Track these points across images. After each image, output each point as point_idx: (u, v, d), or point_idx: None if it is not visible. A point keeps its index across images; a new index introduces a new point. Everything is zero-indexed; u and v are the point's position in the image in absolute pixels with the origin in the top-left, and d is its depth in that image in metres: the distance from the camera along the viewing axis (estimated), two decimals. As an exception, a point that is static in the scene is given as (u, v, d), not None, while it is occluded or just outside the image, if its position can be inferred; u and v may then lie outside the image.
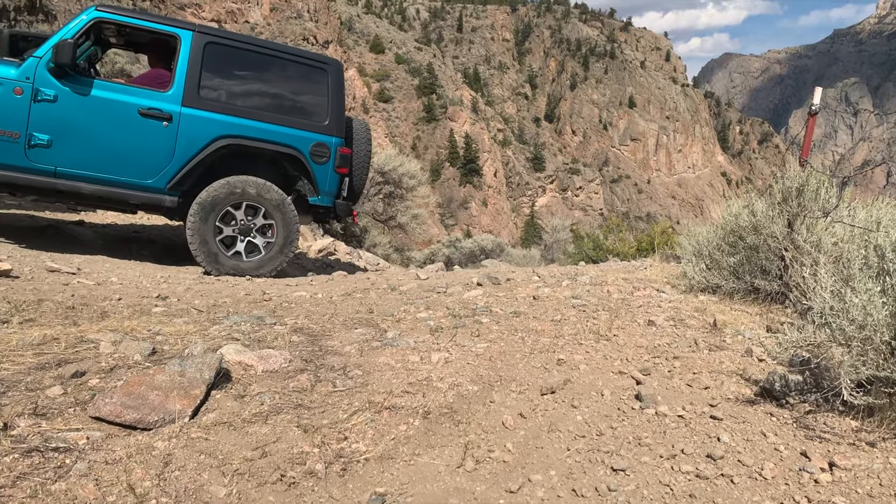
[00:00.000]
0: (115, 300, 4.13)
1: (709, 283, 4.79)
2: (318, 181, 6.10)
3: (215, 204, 5.75)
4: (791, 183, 4.54)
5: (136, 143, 5.57)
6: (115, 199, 5.73)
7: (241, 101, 5.93)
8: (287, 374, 2.80)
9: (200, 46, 5.74)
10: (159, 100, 5.62)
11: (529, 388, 2.83)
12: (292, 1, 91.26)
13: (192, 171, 5.72)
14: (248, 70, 6.09)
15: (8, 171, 5.33)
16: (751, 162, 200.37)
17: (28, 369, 2.59)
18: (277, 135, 5.90)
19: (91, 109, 5.47)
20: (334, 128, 6.15)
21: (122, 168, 5.59)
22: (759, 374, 3.06)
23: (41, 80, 5.33)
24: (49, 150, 5.38)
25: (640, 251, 14.65)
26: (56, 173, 5.44)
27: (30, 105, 5.30)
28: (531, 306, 4.24)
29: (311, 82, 6.19)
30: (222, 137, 5.72)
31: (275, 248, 5.99)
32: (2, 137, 5.27)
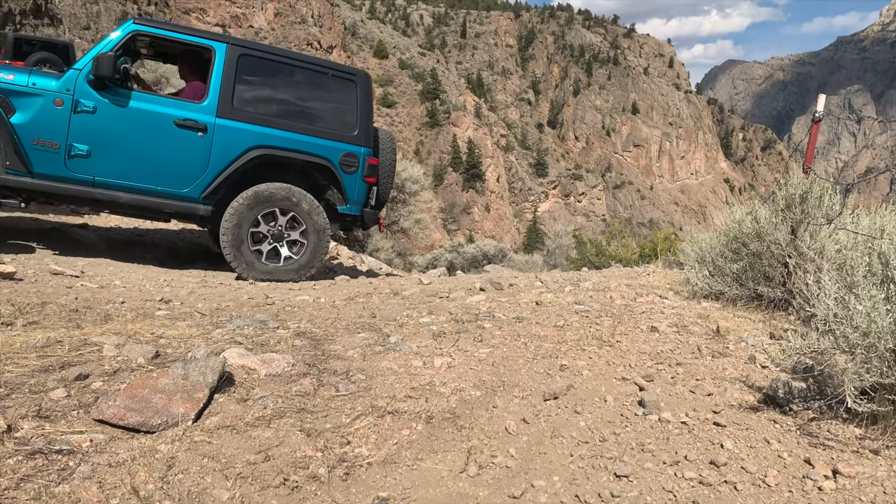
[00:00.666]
0: (119, 303, 4.14)
1: (712, 290, 4.78)
2: (346, 190, 6.24)
3: (249, 210, 5.85)
4: (794, 190, 4.54)
5: (172, 153, 5.70)
6: (150, 207, 5.85)
7: (273, 112, 6.05)
8: (290, 378, 2.80)
9: (234, 58, 5.88)
10: (194, 111, 5.75)
11: (532, 393, 2.83)
12: (296, 6, 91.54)
13: (226, 180, 5.84)
14: (280, 81, 6.21)
15: (48, 180, 5.46)
16: (754, 169, 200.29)
17: (32, 372, 2.60)
18: (308, 145, 6.03)
19: (128, 120, 5.60)
20: (363, 138, 6.29)
21: (158, 177, 5.72)
22: (762, 381, 3.05)
23: (81, 91, 5.46)
24: (88, 160, 5.51)
25: (642, 257, 14.64)
26: (94, 183, 5.57)
27: (70, 116, 5.43)
28: (534, 312, 4.24)
29: (341, 93, 6.33)
30: (255, 147, 5.85)
31: (307, 254, 6.11)
32: (43, 148, 5.39)
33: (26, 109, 5.36)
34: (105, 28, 46.85)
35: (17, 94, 5.36)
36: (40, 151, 5.40)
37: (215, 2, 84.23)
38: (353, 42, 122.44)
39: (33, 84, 5.42)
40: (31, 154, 5.39)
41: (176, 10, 75.75)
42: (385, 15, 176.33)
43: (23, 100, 5.36)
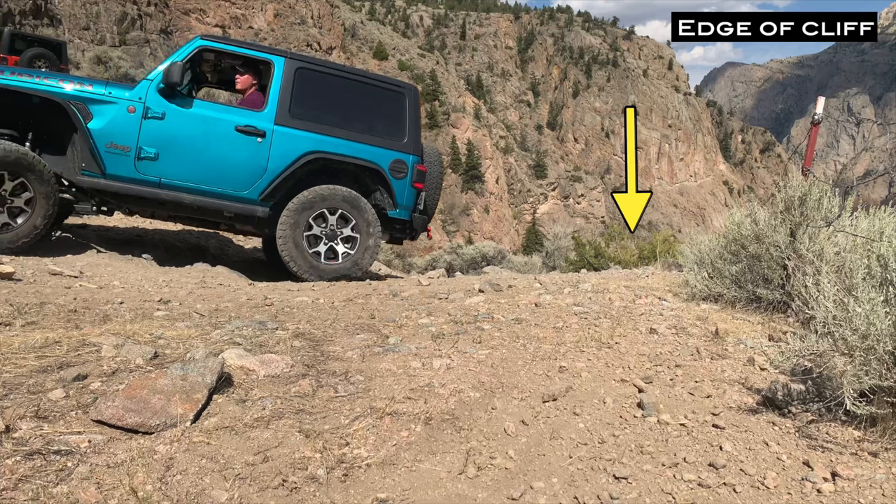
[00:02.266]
0: (118, 304, 4.13)
1: (711, 292, 4.79)
2: (396, 195, 6.57)
3: (304, 211, 6.20)
4: (794, 192, 4.55)
5: (233, 156, 6.07)
6: (212, 209, 6.18)
7: (327, 121, 6.37)
8: (289, 378, 2.80)
9: (292, 71, 6.27)
10: (254, 118, 6.13)
11: (531, 395, 2.83)
12: (296, 7, 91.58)
13: (283, 183, 6.20)
14: (334, 92, 6.57)
15: (119, 181, 5.86)
16: (753, 171, 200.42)
17: (30, 372, 2.59)
18: (360, 151, 6.38)
19: (193, 126, 6.00)
20: (412, 146, 6.64)
21: (220, 180, 6.07)
22: (761, 384, 3.05)
23: (152, 99, 5.89)
24: (155, 162, 5.90)
25: (641, 259, 14.66)
26: (160, 184, 5.95)
27: (141, 122, 5.85)
28: (533, 313, 4.24)
29: (391, 104, 6.70)
30: (310, 153, 6.21)
31: (358, 253, 6.40)
32: (115, 151, 5.79)
33: (102, 116, 5.77)
34: (105, 28, 46.88)
35: (95, 102, 5.77)
36: (113, 154, 5.79)
37: (215, 2, 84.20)
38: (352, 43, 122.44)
39: (109, 93, 5.84)
40: (105, 156, 5.78)
41: (175, 11, 75.81)
42: (385, 16, 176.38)
43: (99, 107, 5.77)
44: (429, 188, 6.96)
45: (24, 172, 5.45)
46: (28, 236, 5.55)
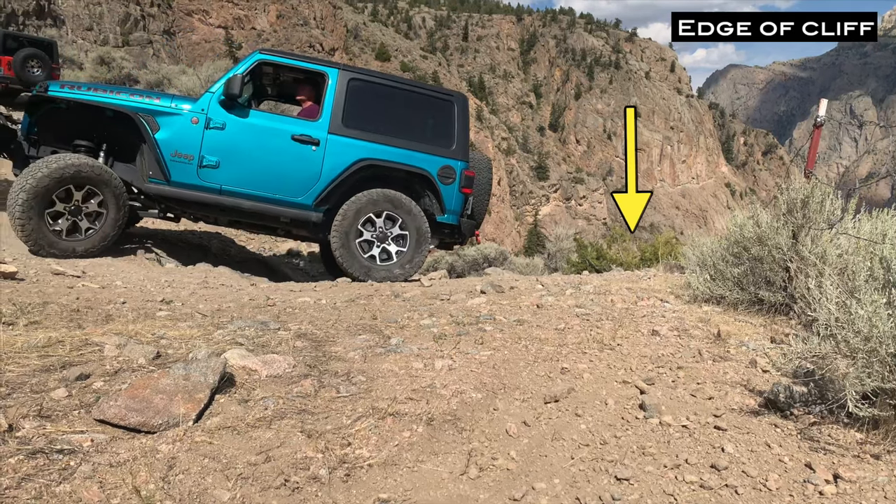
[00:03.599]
0: (120, 304, 4.14)
1: (713, 294, 4.78)
2: (444, 200, 6.74)
3: (356, 215, 6.41)
4: (796, 194, 4.54)
5: (289, 164, 6.32)
6: (269, 214, 6.43)
7: (378, 129, 6.59)
8: (291, 379, 2.80)
9: (345, 82, 6.52)
10: (309, 127, 6.38)
11: (533, 396, 2.83)
12: (299, 8, 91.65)
13: (336, 189, 6.43)
14: (385, 102, 6.79)
15: (182, 188, 6.16)
16: (755, 173, 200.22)
17: (33, 371, 2.60)
18: (409, 158, 6.59)
19: (252, 135, 6.27)
20: (460, 152, 6.80)
21: (277, 186, 6.32)
22: (763, 385, 3.05)
23: (213, 110, 6.20)
24: (216, 170, 6.19)
25: (643, 261, 14.63)
26: (221, 190, 6.23)
27: (203, 132, 6.15)
28: (535, 315, 4.24)
29: (440, 112, 6.89)
30: (362, 160, 6.43)
31: (408, 255, 6.59)
32: (180, 159, 6.10)
33: (168, 127, 6.10)
34: (108, 29, 46.95)
35: (162, 114, 6.10)
36: (177, 163, 6.11)
37: (218, 3, 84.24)
38: (355, 44, 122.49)
39: (175, 105, 6.18)
40: (170, 165, 6.09)
41: (178, 12, 75.87)
42: (387, 18, 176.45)
43: (166, 119, 6.10)
44: (477, 194, 7.16)
45: (97, 182, 5.81)
46: (102, 241, 5.97)
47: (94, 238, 5.93)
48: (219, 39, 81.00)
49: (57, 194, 5.69)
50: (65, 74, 21.45)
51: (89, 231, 5.93)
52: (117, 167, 6.28)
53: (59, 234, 5.78)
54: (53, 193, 5.66)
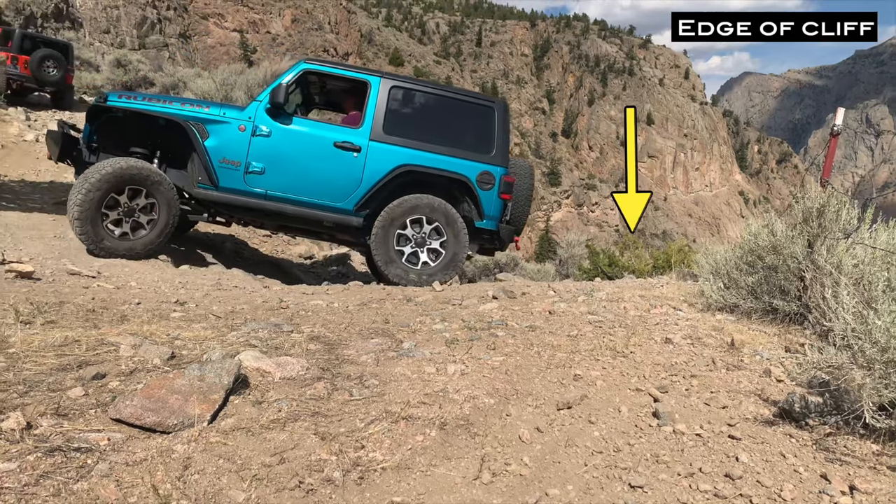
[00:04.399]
0: (135, 304, 4.17)
1: (726, 302, 4.76)
2: (483, 206, 6.77)
3: (395, 219, 6.54)
4: (812, 203, 4.52)
5: (331, 170, 6.48)
6: (312, 219, 6.61)
7: (418, 135, 6.71)
8: (304, 381, 2.81)
9: (387, 90, 6.66)
10: (351, 135, 6.53)
11: (546, 402, 2.82)
12: (313, 13, 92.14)
13: (376, 194, 6.56)
14: (425, 108, 6.95)
15: (229, 193, 6.40)
16: (769, 181, 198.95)
17: (50, 370, 2.62)
18: (448, 163, 6.65)
19: (296, 142, 6.47)
20: (499, 158, 6.84)
21: (320, 192, 6.50)
22: (777, 395, 3.03)
23: (260, 118, 6.42)
24: (262, 176, 6.41)
25: (656, 269, 14.57)
26: (266, 196, 6.43)
27: (250, 139, 6.38)
28: (547, 321, 4.24)
29: (480, 119, 6.91)
30: (401, 166, 6.53)
31: (445, 259, 6.65)
32: (227, 165, 6.35)
33: (217, 134, 6.35)
34: (125, 32, 47.39)
35: (211, 122, 6.36)
36: (225, 168, 6.35)
37: (233, 7, 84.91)
38: (369, 49, 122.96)
39: (223, 113, 6.44)
40: (218, 171, 6.34)
41: (194, 16, 76.45)
42: (401, 23, 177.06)
43: (214, 126, 6.36)
44: (517, 200, 7.21)
45: (150, 185, 6.08)
46: (154, 242, 6.23)
47: (145, 239, 6.18)
48: (234, 43, 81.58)
49: (112, 196, 5.96)
50: (82, 76, 21.66)
51: (141, 232, 6.19)
52: (170, 173, 6.56)
53: (113, 235, 6.06)
54: (108, 195, 5.93)
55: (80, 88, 20.96)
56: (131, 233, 6.15)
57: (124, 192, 6.02)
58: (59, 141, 6.55)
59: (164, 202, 6.17)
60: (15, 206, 8.20)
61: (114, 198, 5.99)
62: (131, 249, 6.12)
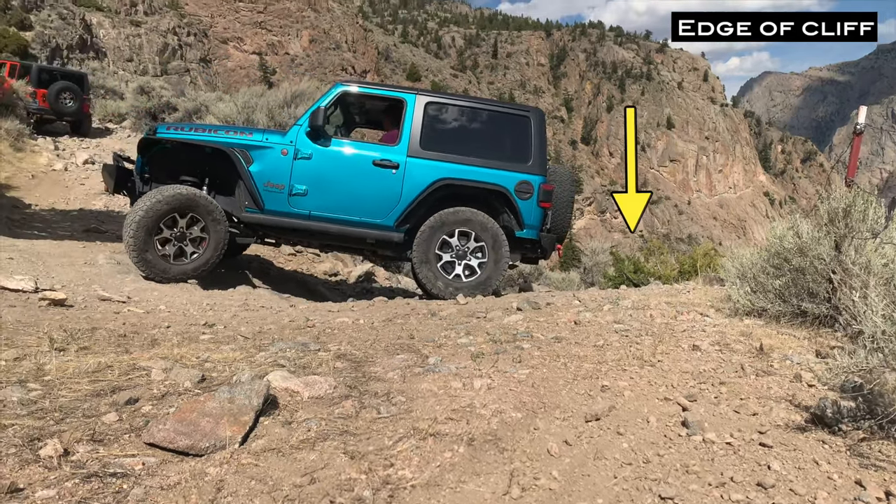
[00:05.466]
0: (164, 328, 4.24)
1: (754, 307, 4.70)
2: (523, 215, 6.82)
3: (435, 233, 6.64)
4: (838, 204, 4.45)
5: (371, 188, 6.63)
6: (354, 236, 6.79)
7: (455, 149, 6.81)
8: (332, 400, 2.84)
9: (422, 106, 6.81)
10: (389, 152, 6.69)
11: (573, 414, 2.81)
12: (331, 32, 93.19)
13: (416, 209, 6.69)
14: (461, 122, 7.05)
15: (275, 216, 6.62)
16: (794, 181, 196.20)
17: (84, 396, 2.68)
18: (486, 175, 6.72)
19: (337, 163, 6.64)
20: (537, 167, 6.88)
21: (361, 209, 6.65)
22: (809, 401, 2.99)
23: (301, 142, 6.61)
24: (305, 197, 6.59)
25: (682, 274, 14.42)
26: (310, 216, 6.63)
27: (292, 162, 6.58)
28: (573, 332, 4.22)
29: (516, 128, 6.99)
30: (439, 180, 6.65)
31: (486, 271, 6.72)
32: (272, 189, 6.56)
33: (261, 160, 6.57)
34: (147, 59, 48.31)
35: (255, 148, 6.58)
36: (270, 192, 6.55)
37: (252, 30, 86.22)
38: (386, 66, 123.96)
39: (266, 139, 6.66)
40: (264, 194, 6.55)
41: (214, 40, 77.75)
42: (417, 38, 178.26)
43: (258, 152, 6.58)
44: (558, 207, 7.22)
45: (201, 212, 6.35)
46: (205, 265, 6.46)
47: (196, 262, 6.42)
48: (253, 65, 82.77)
49: (164, 222, 6.24)
50: (107, 104, 22.12)
51: (193, 255, 6.43)
52: (219, 199, 6.75)
53: (167, 259, 6.30)
54: (161, 221, 6.20)
55: (106, 117, 21.45)
56: (183, 257, 6.40)
57: (176, 218, 6.29)
58: (113, 173, 6.81)
59: (213, 227, 6.41)
60: (46, 234, 8.39)
61: (166, 224, 6.25)
62: (184, 273, 6.36)
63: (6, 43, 28.13)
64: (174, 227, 6.30)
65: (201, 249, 6.44)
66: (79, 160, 13.56)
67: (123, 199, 11.21)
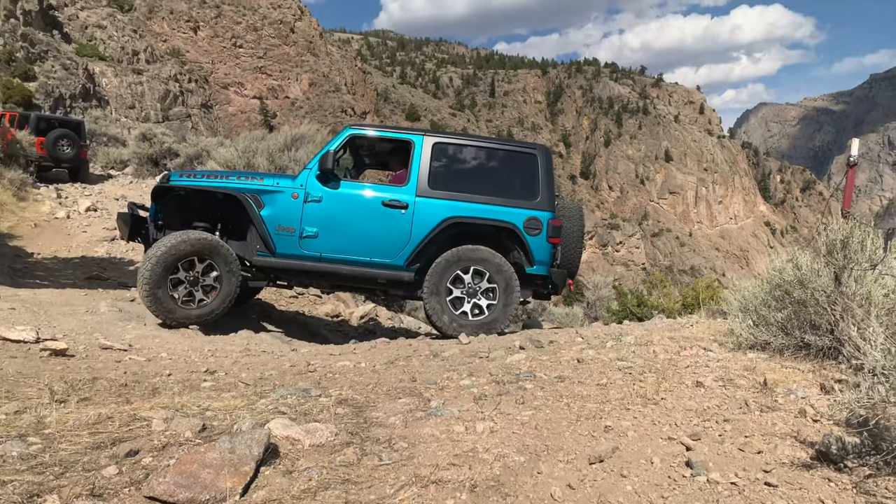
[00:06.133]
0: (166, 376, 4.24)
1: (757, 340, 4.68)
2: (532, 252, 6.84)
3: (444, 272, 6.68)
4: (835, 235, 4.47)
5: (382, 228, 6.70)
6: (365, 277, 6.81)
7: (463, 187, 6.88)
8: (333, 447, 2.82)
9: (430, 147, 6.89)
10: (398, 192, 6.76)
11: (577, 457, 2.79)
12: (330, 76, 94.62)
13: (426, 248, 6.74)
14: (468, 161, 7.14)
15: (286, 259, 6.69)
16: (794, 210, 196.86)
17: (84, 449, 2.67)
18: (495, 212, 6.78)
19: (346, 205, 6.73)
20: (545, 203, 6.92)
21: (371, 250, 6.72)
22: (814, 436, 2.96)
23: (311, 185, 6.70)
24: (316, 239, 6.67)
25: (685, 307, 14.39)
26: (321, 258, 6.70)
27: (303, 206, 6.67)
28: (575, 370, 4.21)
29: (523, 165, 7.07)
30: (448, 219, 6.70)
31: (497, 308, 6.73)
32: (283, 232, 6.65)
33: (272, 204, 6.66)
34: (149, 106, 48.99)
35: (266, 193, 6.67)
36: (281, 235, 6.65)
37: (252, 75, 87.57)
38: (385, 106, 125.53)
39: (277, 183, 6.75)
40: (275, 238, 6.64)
41: (215, 86, 78.94)
42: (416, 79, 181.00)
43: (269, 196, 6.67)
44: (568, 242, 7.26)
45: (213, 257, 6.45)
46: (217, 310, 6.53)
47: (210, 306, 6.50)
48: (254, 109, 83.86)
49: (178, 266, 6.34)
50: (108, 152, 22.35)
51: (201, 302, 6.50)
52: (231, 243, 6.83)
53: (175, 300, 6.36)
54: (174, 266, 6.31)
55: (108, 164, 21.67)
56: (196, 301, 6.47)
57: (189, 263, 6.39)
58: (128, 221, 6.96)
59: (226, 271, 6.50)
60: (49, 282, 8.42)
61: (180, 268, 6.36)
62: (198, 317, 6.43)
63: (10, 94, 28.60)
64: (190, 271, 6.40)
65: (209, 298, 6.50)
66: (81, 208, 13.67)
67: (126, 246, 11.27)
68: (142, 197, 15.70)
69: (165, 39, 76.58)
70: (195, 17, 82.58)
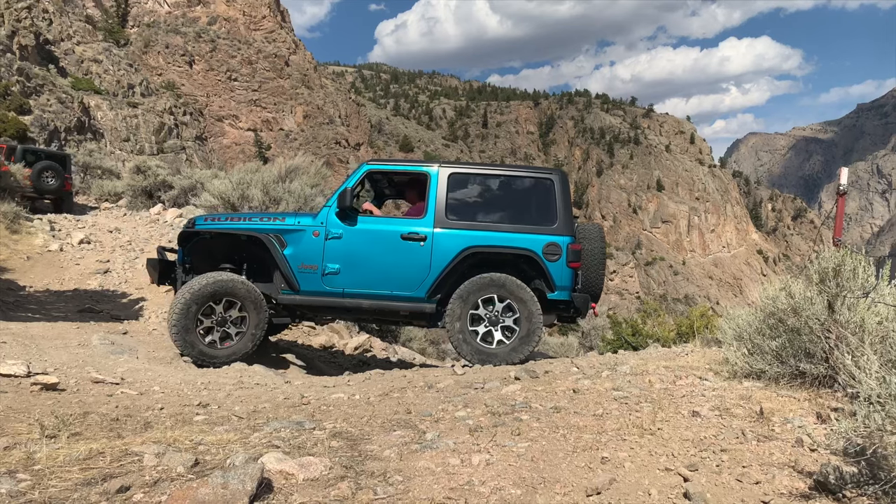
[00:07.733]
0: (158, 409, 4.19)
1: (752, 369, 4.67)
2: (553, 277, 6.79)
3: (466, 301, 6.68)
4: (827, 263, 4.50)
5: (401, 262, 6.77)
6: (387, 310, 6.89)
7: (480, 216, 6.98)
8: (328, 481, 2.79)
9: (446, 177, 6.94)
10: (416, 225, 6.83)
11: (574, 489, 2.76)
12: (324, 108, 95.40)
13: (446, 279, 6.76)
14: (485, 189, 7.21)
15: (310, 296, 6.80)
16: (786, 238, 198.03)
17: (75, 485, 2.63)
18: (513, 240, 6.79)
19: (367, 240, 6.82)
20: (564, 228, 6.91)
21: (392, 284, 6.78)
22: (812, 466, 2.94)
23: (331, 223, 6.82)
24: (338, 276, 6.76)
25: (680, 336, 14.38)
26: (343, 294, 6.79)
27: (324, 243, 6.79)
28: (571, 400, 4.19)
29: (540, 191, 7.08)
30: (467, 248, 6.72)
31: (520, 336, 6.68)
32: (306, 270, 6.77)
33: (294, 243, 6.81)
34: (144, 139, 49.19)
35: (288, 232, 6.82)
36: (304, 273, 6.76)
37: (247, 108, 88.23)
38: (379, 138, 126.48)
39: (298, 222, 6.88)
40: (298, 276, 6.76)
41: (209, 118, 79.46)
42: (409, 111, 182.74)
43: (291, 236, 6.82)
44: (589, 265, 7.25)
45: (239, 296, 6.63)
46: (245, 349, 6.69)
47: (237, 346, 6.66)
48: (248, 141, 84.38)
49: (206, 307, 6.52)
50: (102, 184, 22.40)
51: (233, 339, 6.67)
52: (257, 284, 6.91)
53: (211, 344, 6.58)
54: (202, 308, 6.48)
55: (102, 196, 21.69)
56: (224, 340, 6.64)
57: (217, 304, 6.56)
58: (157, 267, 7.14)
59: (252, 310, 6.65)
60: (41, 316, 8.36)
61: (207, 309, 6.53)
62: (228, 357, 6.59)
63: (5, 127, 28.68)
64: (216, 313, 6.57)
65: (240, 334, 6.67)
66: (74, 240, 13.62)
67: (118, 279, 11.23)
68: (135, 230, 15.69)
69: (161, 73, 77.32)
70: (190, 50, 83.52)
